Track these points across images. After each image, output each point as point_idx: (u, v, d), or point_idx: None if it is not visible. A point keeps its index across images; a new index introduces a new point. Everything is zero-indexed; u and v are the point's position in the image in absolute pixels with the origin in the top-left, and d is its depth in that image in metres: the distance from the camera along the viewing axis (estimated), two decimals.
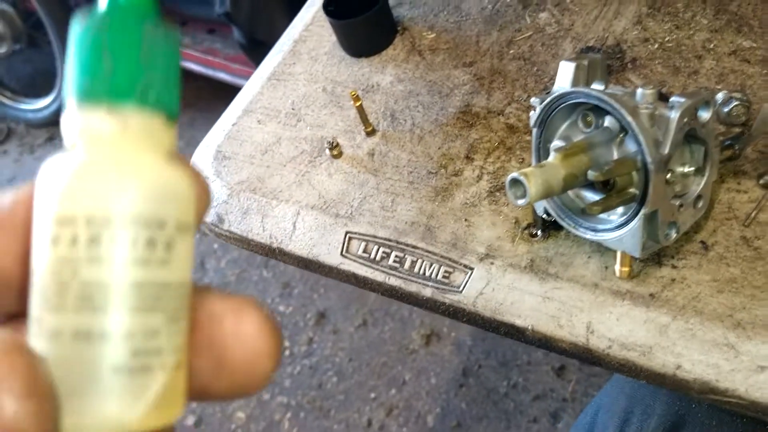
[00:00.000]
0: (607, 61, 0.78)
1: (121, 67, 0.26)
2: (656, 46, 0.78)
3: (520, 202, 0.59)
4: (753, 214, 0.65)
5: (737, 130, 0.65)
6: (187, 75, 2.87)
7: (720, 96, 0.66)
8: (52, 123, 3.41)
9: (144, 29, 0.27)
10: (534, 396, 1.97)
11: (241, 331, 0.29)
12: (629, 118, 0.57)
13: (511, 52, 0.85)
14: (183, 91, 0.29)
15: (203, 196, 0.30)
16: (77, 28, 0.26)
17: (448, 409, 2.02)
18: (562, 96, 0.63)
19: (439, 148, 0.80)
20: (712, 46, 0.76)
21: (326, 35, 0.96)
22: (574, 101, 0.63)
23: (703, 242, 0.65)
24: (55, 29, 3.01)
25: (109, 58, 0.26)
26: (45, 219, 0.26)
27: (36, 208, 0.26)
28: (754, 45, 0.74)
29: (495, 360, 2.07)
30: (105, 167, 0.26)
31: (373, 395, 2.09)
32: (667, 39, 0.78)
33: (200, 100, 3.06)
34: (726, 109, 0.66)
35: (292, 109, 0.91)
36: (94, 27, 0.26)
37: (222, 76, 2.63)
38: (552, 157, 0.61)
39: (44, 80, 3.32)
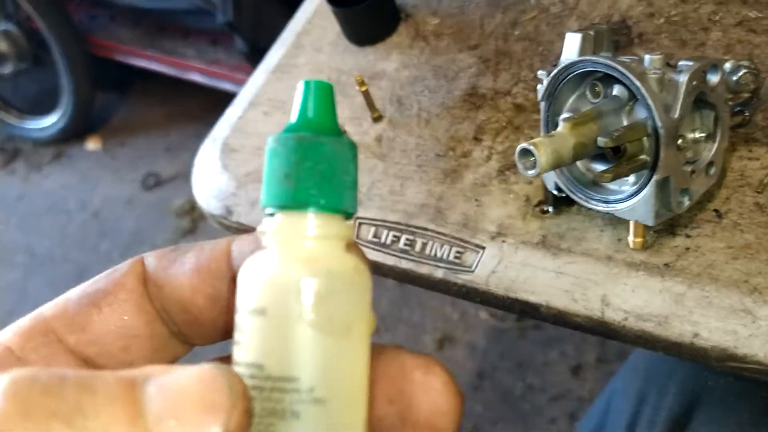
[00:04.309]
0: (614, 38, 0.78)
1: (306, 180, 0.31)
2: (662, 20, 0.77)
3: (531, 172, 0.59)
4: (766, 180, 0.64)
5: (746, 95, 0.65)
6: (192, 87, 2.88)
7: (728, 65, 0.66)
8: (58, 140, 3.43)
9: (334, 145, 0.32)
10: (551, 397, 1.96)
11: (429, 385, 0.32)
12: (638, 83, 0.57)
13: (516, 33, 0.84)
14: (188, 102, 0.33)
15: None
16: (271, 144, 0.32)
17: (464, 412, 2.00)
18: (570, 66, 0.63)
19: (446, 131, 0.80)
20: (718, 17, 0.75)
21: (329, 26, 0.96)
22: (581, 70, 0.62)
23: (716, 210, 0.64)
24: (60, 48, 3.04)
25: (297, 172, 0.31)
26: (244, 308, 0.31)
27: (238, 298, 0.32)
28: (761, 15, 0.74)
29: (510, 362, 2.06)
30: (291, 266, 0.30)
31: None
32: (672, 12, 0.77)
33: (205, 112, 3.07)
34: (735, 78, 0.65)
35: None
36: (285, 144, 0.31)
37: (226, 86, 2.64)
38: (561, 127, 0.60)
39: (50, 98, 3.34)
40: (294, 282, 0.30)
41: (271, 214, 0.32)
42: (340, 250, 0.32)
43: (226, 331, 0.36)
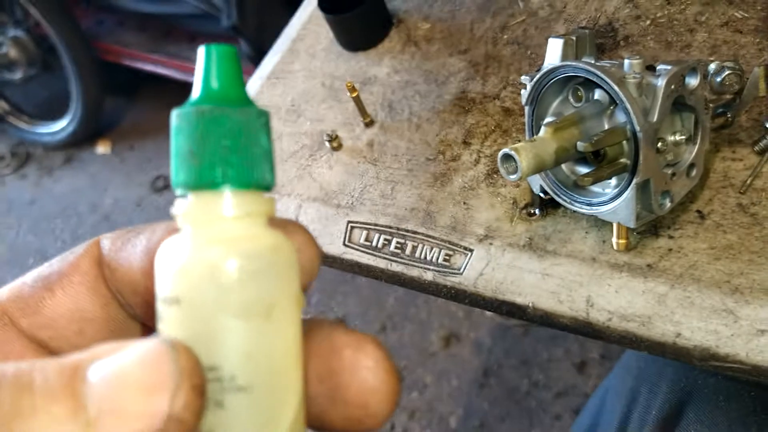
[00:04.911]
0: (599, 40, 0.78)
1: (214, 156, 0.29)
2: (648, 22, 0.78)
3: (513, 177, 0.60)
4: (749, 181, 0.65)
5: (728, 97, 0.65)
6: None
7: (712, 66, 0.66)
8: (68, 145, 3.46)
9: (239, 116, 0.29)
10: (556, 393, 1.97)
11: (359, 364, 0.31)
12: (616, 87, 0.58)
13: (505, 37, 0.85)
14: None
15: (307, 249, 0.32)
16: (174, 120, 0.29)
17: (470, 409, 2.01)
18: (552, 71, 0.63)
19: (436, 135, 0.81)
20: (704, 18, 0.76)
21: (323, 32, 0.97)
22: (563, 75, 0.63)
23: (699, 211, 0.65)
24: (68, 53, 3.06)
25: (203, 148, 0.29)
26: (162, 296, 0.29)
27: (156, 286, 0.30)
28: (746, 15, 0.74)
29: (515, 359, 2.07)
30: (203, 249, 0.28)
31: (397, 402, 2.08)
32: (658, 15, 0.78)
33: None
34: (718, 79, 0.66)
35: (292, 105, 0.92)
36: (187, 119, 0.29)
37: None
38: (543, 132, 0.61)
39: (60, 103, 3.37)
40: (206, 266, 0.28)
41: (184, 195, 0.30)
42: (257, 227, 0.30)
43: None
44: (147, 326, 0.36)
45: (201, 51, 0.30)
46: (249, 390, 0.28)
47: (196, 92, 0.30)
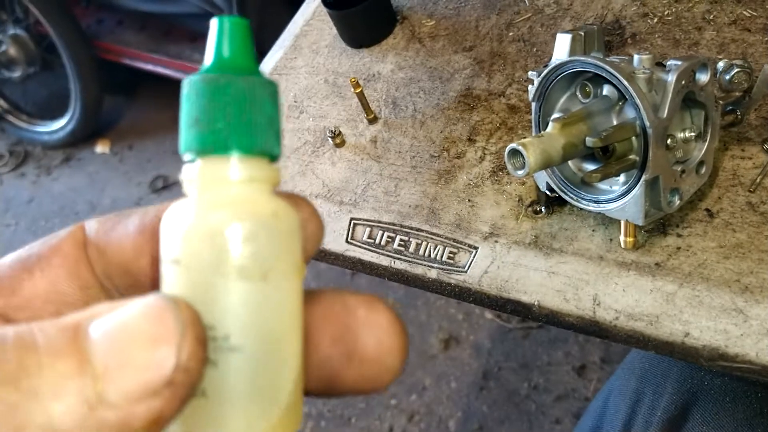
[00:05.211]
0: (607, 38, 0.78)
1: (220, 122, 0.29)
2: (656, 20, 0.77)
3: (520, 172, 0.59)
4: (758, 179, 0.64)
5: (738, 95, 0.64)
6: None
7: (721, 64, 0.65)
8: (67, 144, 3.45)
9: (244, 84, 0.30)
10: (556, 396, 1.95)
11: (373, 321, 0.32)
12: (626, 83, 0.57)
13: (511, 34, 0.84)
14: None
15: (312, 221, 0.33)
16: (184, 88, 0.30)
17: (469, 412, 2.00)
18: (560, 66, 0.63)
19: (441, 132, 0.80)
20: (712, 17, 0.75)
21: (327, 28, 0.97)
22: (571, 70, 0.62)
23: (708, 210, 0.64)
24: (68, 52, 3.05)
25: (210, 114, 0.29)
26: (165, 259, 0.30)
27: (161, 249, 0.30)
28: (755, 14, 0.73)
29: (515, 362, 2.06)
30: (206, 212, 0.29)
31: (393, 402, 2.08)
32: (666, 12, 0.77)
33: None
34: (727, 77, 0.65)
35: (295, 101, 0.91)
36: (196, 87, 0.30)
37: None
38: (550, 127, 0.60)
39: (59, 102, 3.36)
40: (207, 228, 0.29)
41: (192, 161, 0.31)
42: (260, 193, 0.30)
43: None
44: None
45: (214, 22, 0.31)
46: (242, 350, 0.28)
47: (207, 61, 0.30)
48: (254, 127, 0.30)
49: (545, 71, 0.64)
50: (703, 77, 0.60)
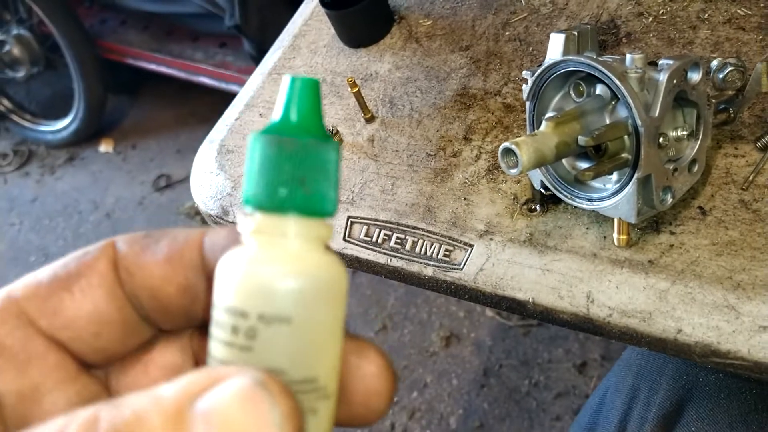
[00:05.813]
0: (602, 37, 0.78)
1: (287, 184, 0.31)
2: (650, 19, 0.78)
3: (513, 171, 0.59)
4: (751, 177, 0.64)
5: (731, 93, 0.65)
6: (201, 89, 2.90)
7: (715, 63, 0.66)
8: (71, 143, 3.46)
9: (310, 148, 0.31)
10: (556, 394, 1.96)
11: (364, 369, 0.33)
12: (618, 82, 0.58)
13: (507, 34, 0.85)
14: (197, 105, 0.32)
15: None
16: (253, 143, 0.31)
17: (470, 410, 2.01)
18: (553, 65, 0.63)
19: (437, 131, 0.81)
20: (706, 15, 0.76)
21: (325, 29, 0.97)
22: (564, 70, 0.63)
23: (700, 207, 0.65)
24: (71, 52, 3.06)
25: (278, 176, 0.31)
26: (218, 305, 0.31)
27: (215, 294, 0.32)
28: (749, 12, 0.74)
29: (515, 359, 2.06)
30: (270, 266, 0.31)
31: (395, 399, 2.08)
32: (661, 12, 0.78)
33: (215, 114, 3.08)
34: (721, 75, 0.66)
35: None
36: (266, 145, 0.31)
37: (235, 88, 2.65)
38: (544, 126, 0.61)
39: (63, 102, 3.38)
40: (263, 282, 0.30)
41: (251, 214, 0.32)
42: (318, 251, 0.32)
43: (194, 319, 0.36)
44: (160, 328, 0.37)
45: (285, 80, 0.32)
46: (329, 399, 0.32)
47: (276, 117, 0.32)
48: (319, 191, 0.32)
49: (539, 71, 0.64)
50: (695, 76, 0.60)
